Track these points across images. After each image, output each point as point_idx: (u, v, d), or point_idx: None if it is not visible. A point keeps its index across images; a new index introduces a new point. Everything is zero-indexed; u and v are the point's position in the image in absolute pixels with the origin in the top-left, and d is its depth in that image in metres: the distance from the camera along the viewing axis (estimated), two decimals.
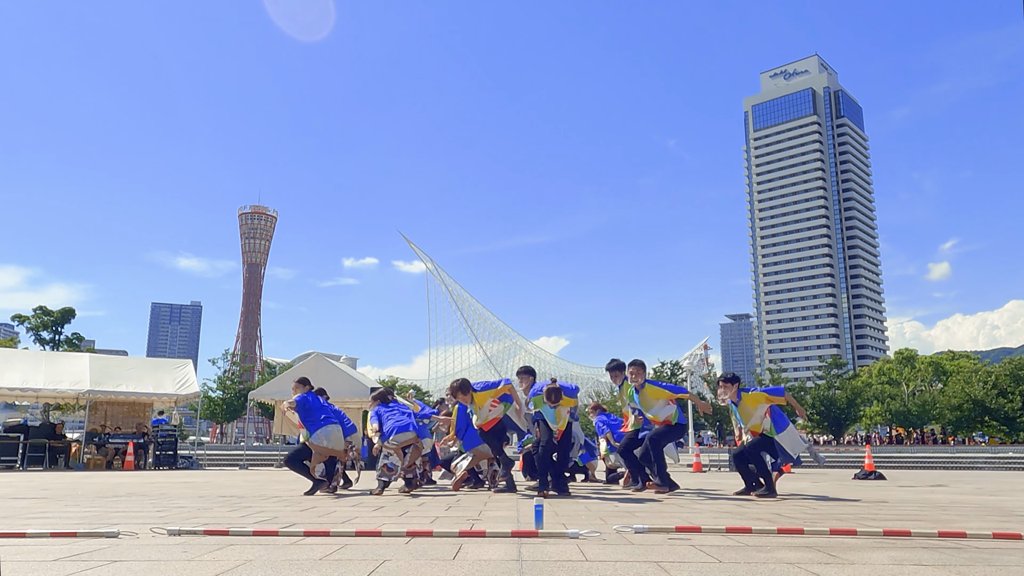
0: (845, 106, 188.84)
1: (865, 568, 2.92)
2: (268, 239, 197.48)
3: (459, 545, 3.52)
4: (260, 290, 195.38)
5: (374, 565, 2.93)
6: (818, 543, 3.65)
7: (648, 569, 2.87)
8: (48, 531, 3.95)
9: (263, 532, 3.97)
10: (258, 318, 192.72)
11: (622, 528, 4.20)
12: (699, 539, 3.79)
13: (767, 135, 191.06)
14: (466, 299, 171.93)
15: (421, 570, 2.84)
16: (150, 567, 2.92)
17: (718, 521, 4.72)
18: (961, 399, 53.29)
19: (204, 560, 3.08)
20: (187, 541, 3.68)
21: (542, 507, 4.22)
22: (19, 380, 17.96)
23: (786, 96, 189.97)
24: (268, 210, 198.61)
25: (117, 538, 3.79)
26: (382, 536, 3.86)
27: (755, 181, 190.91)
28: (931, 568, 2.93)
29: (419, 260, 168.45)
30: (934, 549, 3.47)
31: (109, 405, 20.48)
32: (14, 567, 2.92)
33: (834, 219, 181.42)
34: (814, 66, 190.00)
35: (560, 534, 3.86)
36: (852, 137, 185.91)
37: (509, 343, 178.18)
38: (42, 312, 48.58)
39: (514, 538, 3.79)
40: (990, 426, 53.53)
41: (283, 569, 2.85)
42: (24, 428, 18.63)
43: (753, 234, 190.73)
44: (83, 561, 3.06)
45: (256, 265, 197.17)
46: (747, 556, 3.21)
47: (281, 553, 3.26)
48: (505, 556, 3.18)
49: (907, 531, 4.01)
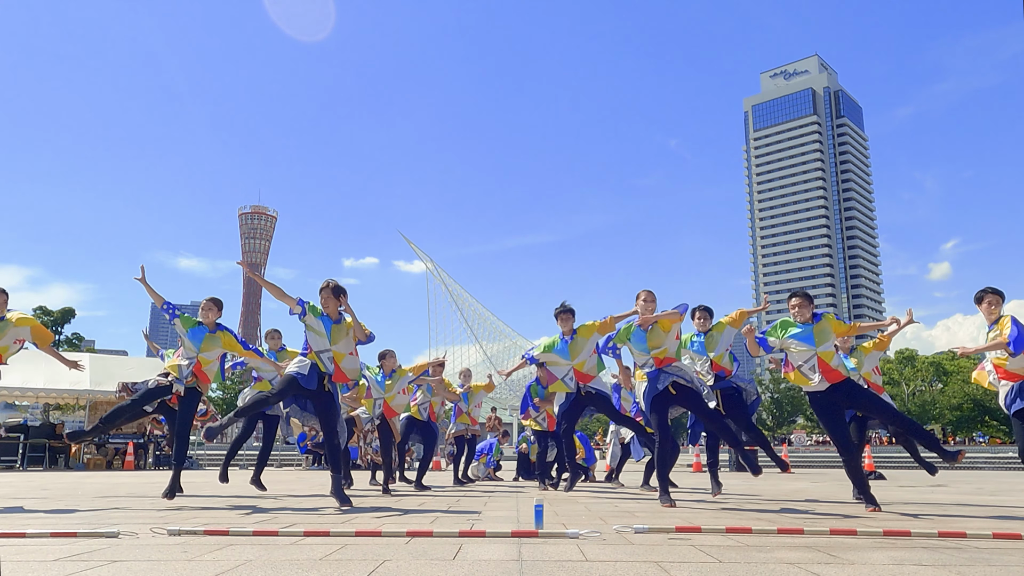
0: (845, 106, 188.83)
1: (865, 568, 2.92)
2: (268, 239, 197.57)
3: (459, 545, 3.52)
4: (260, 290, 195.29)
5: (374, 565, 2.93)
6: (818, 543, 3.65)
7: (648, 569, 2.87)
8: (48, 531, 3.95)
9: (263, 532, 3.97)
10: (258, 318, 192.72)
11: (622, 528, 4.20)
12: (699, 539, 3.79)
13: (767, 135, 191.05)
14: (466, 299, 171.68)
15: (421, 570, 2.84)
16: (150, 567, 2.92)
17: (718, 521, 4.72)
18: (961, 399, 53.30)
19: (204, 560, 3.08)
20: (187, 541, 3.68)
21: (542, 507, 4.22)
22: (19, 380, 17.96)
23: (786, 96, 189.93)
24: (268, 210, 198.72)
25: (117, 538, 3.79)
26: (382, 536, 3.86)
27: (755, 181, 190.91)
28: (931, 568, 2.93)
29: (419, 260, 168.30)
30: (934, 549, 3.47)
31: (109, 405, 20.46)
32: (14, 567, 2.92)
33: (834, 219, 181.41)
34: (814, 66, 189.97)
35: (560, 534, 3.86)
36: (852, 137, 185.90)
37: (509, 343, 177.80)
38: (42, 312, 48.54)
39: (514, 538, 3.79)
40: (990, 426, 53.54)
41: (283, 569, 2.85)
42: (24, 428, 18.64)
43: (753, 234, 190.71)
44: (83, 561, 3.06)
45: (256, 265, 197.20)
46: (747, 556, 3.21)
47: (281, 553, 3.26)
48: (505, 556, 3.17)
49: (907, 531, 4.01)
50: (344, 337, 5.91)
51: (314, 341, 5.88)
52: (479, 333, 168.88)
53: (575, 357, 7.33)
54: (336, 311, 5.93)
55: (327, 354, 5.83)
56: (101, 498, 7.19)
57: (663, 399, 6.09)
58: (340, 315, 5.96)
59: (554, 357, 7.44)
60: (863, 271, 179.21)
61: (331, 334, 5.85)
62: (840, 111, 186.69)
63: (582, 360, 7.35)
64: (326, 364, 5.83)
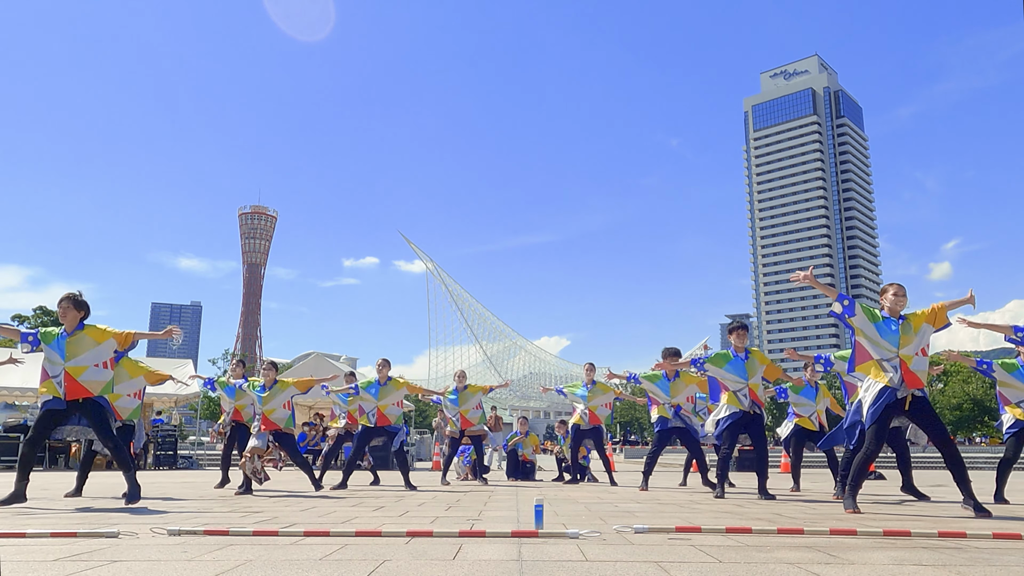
0: (845, 106, 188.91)
1: (865, 568, 2.92)
2: (268, 239, 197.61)
3: (459, 545, 3.52)
4: (260, 290, 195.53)
5: (374, 565, 2.93)
6: (818, 543, 3.65)
7: (648, 569, 2.87)
8: (48, 531, 3.95)
9: (263, 532, 3.97)
10: (258, 318, 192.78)
11: (622, 528, 4.20)
12: (699, 539, 3.79)
13: (767, 135, 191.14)
14: (466, 299, 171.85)
15: (421, 570, 2.84)
16: (150, 567, 2.92)
17: (718, 521, 4.72)
18: (961, 399, 53.28)
19: (204, 560, 3.08)
20: (187, 541, 3.68)
21: (542, 507, 4.22)
22: (19, 380, 17.97)
23: (786, 96, 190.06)
24: (268, 210, 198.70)
25: (117, 538, 3.79)
26: (382, 536, 3.86)
27: (755, 181, 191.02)
28: (931, 568, 2.93)
29: (419, 260, 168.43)
30: (934, 549, 3.47)
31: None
32: (14, 567, 2.92)
33: (834, 219, 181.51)
34: (814, 66, 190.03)
35: (560, 534, 3.86)
36: (852, 137, 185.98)
37: (509, 343, 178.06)
38: (42, 312, 48.58)
39: (514, 538, 3.79)
40: (990, 426, 53.52)
41: (283, 569, 2.85)
42: (24, 428, 18.62)
43: (753, 234, 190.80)
44: (83, 561, 3.06)
45: (256, 265, 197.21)
46: (747, 556, 3.20)
47: (281, 553, 3.26)
48: (505, 556, 3.17)
49: (907, 531, 4.01)
50: (87, 350, 5.85)
51: (48, 367, 5.88)
52: (479, 333, 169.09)
53: (751, 377, 7.26)
54: (73, 323, 5.88)
55: (58, 377, 5.82)
56: (101, 498, 7.19)
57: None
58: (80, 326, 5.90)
59: (726, 374, 7.36)
60: (863, 271, 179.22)
61: (66, 349, 5.83)
62: (840, 111, 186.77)
63: (756, 382, 7.29)
64: (57, 387, 5.82)
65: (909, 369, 5.37)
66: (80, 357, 5.84)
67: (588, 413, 10.24)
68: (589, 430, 10.39)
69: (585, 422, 10.30)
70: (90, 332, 5.96)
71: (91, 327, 5.99)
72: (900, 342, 5.40)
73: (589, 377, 10.60)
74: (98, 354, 5.87)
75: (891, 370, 5.38)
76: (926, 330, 5.47)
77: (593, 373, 10.72)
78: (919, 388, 5.41)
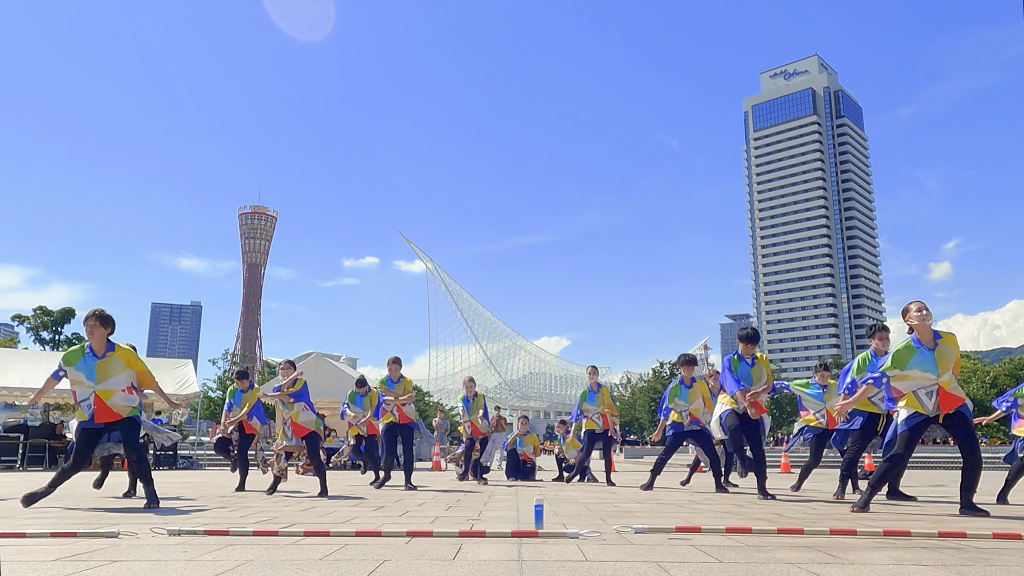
0: (845, 106, 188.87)
1: (865, 568, 2.92)
2: (268, 239, 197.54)
3: (459, 545, 3.52)
4: (260, 290, 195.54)
5: (374, 565, 2.93)
6: (818, 543, 3.65)
7: (648, 569, 2.87)
8: (48, 531, 3.95)
9: (263, 532, 3.97)
10: (258, 318, 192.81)
11: (622, 528, 4.20)
12: (699, 539, 3.79)
13: (767, 135, 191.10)
14: (466, 299, 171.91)
15: (421, 570, 2.84)
16: (150, 567, 2.92)
17: (718, 521, 4.72)
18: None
19: (204, 560, 3.08)
20: (187, 541, 3.68)
21: (542, 507, 4.22)
22: (19, 380, 17.98)
23: (786, 96, 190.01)
24: (268, 210, 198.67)
25: (117, 538, 3.79)
26: (382, 536, 3.86)
27: (755, 181, 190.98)
28: (931, 568, 2.93)
29: (419, 260, 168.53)
30: (934, 549, 3.47)
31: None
32: (14, 567, 2.92)
33: (834, 219, 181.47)
34: (814, 66, 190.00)
35: (560, 534, 3.86)
36: (852, 137, 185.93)
37: (509, 343, 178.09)
38: (42, 312, 48.62)
39: (514, 538, 3.79)
40: (990, 426, 53.56)
41: (283, 569, 2.85)
42: (24, 428, 18.66)
43: (753, 234, 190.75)
44: (83, 561, 3.06)
45: (256, 265, 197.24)
46: (747, 556, 3.20)
47: (281, 553, 3.26)
48: (505, 556, 3.17)
49: (907, 531, 4.01)
50: (117, 373, 5.79)
51: (79, 391, 5.82)
52: (479, 333, 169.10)
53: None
54: (101, 342, 5.77)
55: (87, 400, 5.77)
56: (101, 498, 7.19)
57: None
58: (109, 346, 5.81)
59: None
60: (863, 271, 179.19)
61: (96, 371, 5.74)
62: (840, 111, 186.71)
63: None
64: (85, 411, 5.79)
65: (947, 392, 5.34)
66: (110, 380, 5.79)
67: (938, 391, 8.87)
68: (602, 434, 10.64)
69: (599, 426, 10.54)
70: (121, 355, 5.88)
71: (122, 349, 5.91)
72: (939, 369, 5.32)
73: (593, 380, 10.65)
74: (125, 379, 5.85)
75: (926, 398, 5.36)
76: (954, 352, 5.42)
77: (596, 376, 10.71)
78: (957, 407, 5.35)
